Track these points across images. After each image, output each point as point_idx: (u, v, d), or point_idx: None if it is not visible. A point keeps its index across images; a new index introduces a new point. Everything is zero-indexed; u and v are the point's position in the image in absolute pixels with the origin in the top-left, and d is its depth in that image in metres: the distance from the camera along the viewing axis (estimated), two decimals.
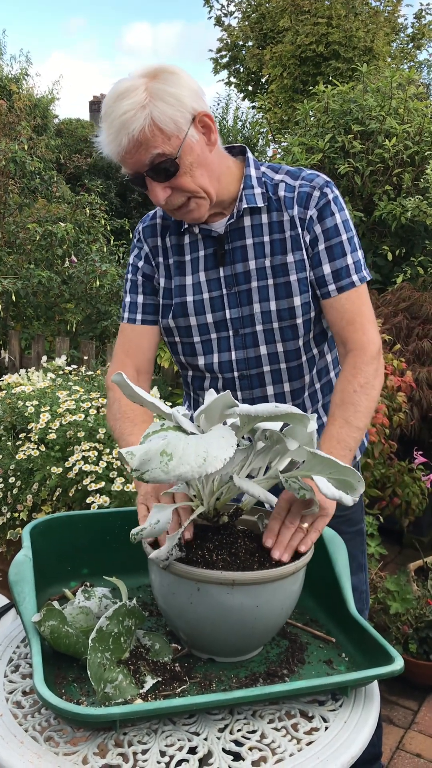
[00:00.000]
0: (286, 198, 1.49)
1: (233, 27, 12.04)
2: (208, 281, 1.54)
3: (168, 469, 0.96)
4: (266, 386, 1.57)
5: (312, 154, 4.84)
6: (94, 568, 1.40)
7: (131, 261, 1.63)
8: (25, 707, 1.07)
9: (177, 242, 1.56)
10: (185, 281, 1.55)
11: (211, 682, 1.11)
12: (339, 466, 1.07)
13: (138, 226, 1.64)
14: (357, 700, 1.12)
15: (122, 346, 1.62)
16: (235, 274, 1.52)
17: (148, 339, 1.61)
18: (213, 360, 1.56)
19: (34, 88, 12.65)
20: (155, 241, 1.59)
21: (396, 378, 2.84)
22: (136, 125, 1.31)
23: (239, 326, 1.53)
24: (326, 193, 1.49)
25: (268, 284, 1.50)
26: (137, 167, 1.37)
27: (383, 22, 10.41)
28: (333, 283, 1.48)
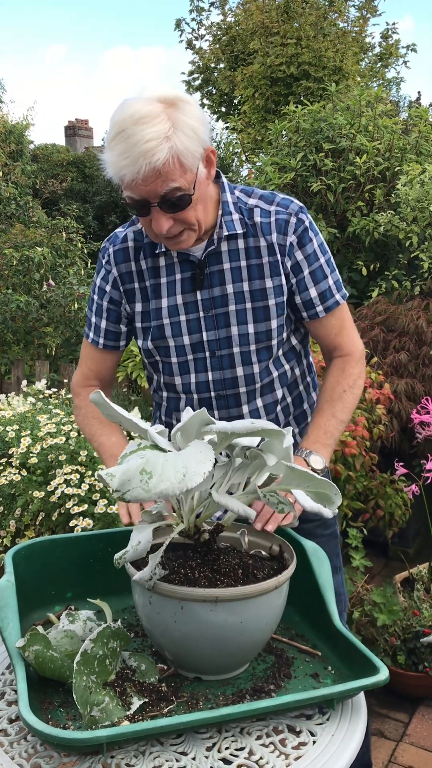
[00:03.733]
0: (263, 224, 1.52)
1: (204, 50, 12.20)
2: (185, 304, 1.55)
3: (149, 487, 0.97)
4: (242, 405, 1.61)
5: (285, 173, 4.91)
6: (78, 592, 1.39)
7: (98, 282, 1.62)
8: (11, 734, 1.06)
9: (153, 264, 1.56)
10: (161, 304, 1.56)
11: (198, 701, 1.11)
12: (316, 479, 1.08)
13: (107, 247, 1.60)
14: (344, 712, 1.12)
15: (87, 360, 1.70)
16: (212, 297, 1.54)
17: (111, 360, 1.69)
18: (190, 380, 1.58)
19: (9, 114, 12.70)
20: (128, 266, 1.57)
21: (375, 391, 2.87)
22: (160, 156, 1.29)
23: (216, 348, 1.56)
24: (302, 219, 1.54)
25: (246, 308, 1.54)
26: (148, 196, 1.35)
27: (351, 42, 10.59)
28: (320, 305, 1.58)
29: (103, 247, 1.61)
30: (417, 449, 3.30)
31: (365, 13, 11.63)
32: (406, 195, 4.24)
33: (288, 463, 1.11)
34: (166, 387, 1.64)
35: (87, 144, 18.61)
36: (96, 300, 1.63)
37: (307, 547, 1.34)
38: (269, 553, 1.30)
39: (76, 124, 19.17)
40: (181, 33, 12.34)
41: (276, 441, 1.08)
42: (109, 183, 13.54)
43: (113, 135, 1.32)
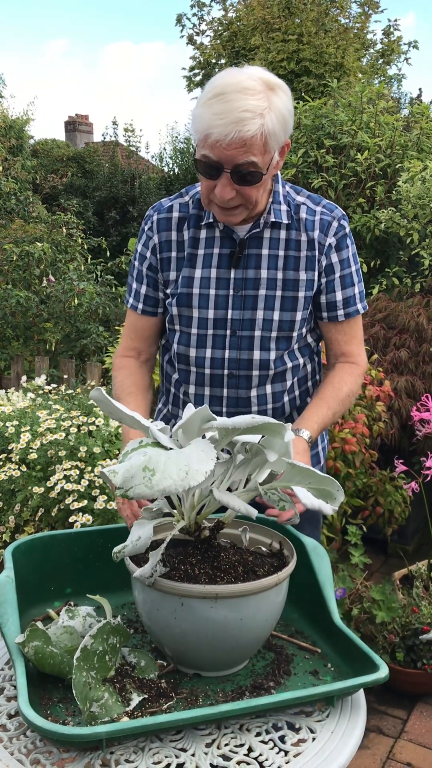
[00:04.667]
0: (308, 220, 1.59)
1: (205, 45, 12.17)
2: (218, 279, 1.58)
3: (151, 484, 0.97)
4: (252, 388, 1.63)
5: (286, 169, 4.90)
6: (77, 588, 1.39)
7: (139, 249, 1.67)
8: (11, 730, 1.06)
9: (194, 235, 1.60)
10: (194, 273, 1.59)
11: (197, 698, 1.11)
12: (318, 476, 1.08)
13: (151, 215, 1.65)
14: (343, 709, 1.12)
15: (126, 330, 1.73)
16: (245, 278, 1.58)
17: (150, 327, 1.70)
18: (205, 354, 1.61)
19: (9, 109, 12.67)
20: (169, 235, 1.61)
21: (375, 388, 2.87)
22: (252, 128, 1.36)
23: (238, 328, 1.59)
24: (344, 225, 1.63)
25: (276, 295, 1.58)
26: (225, 160, 1.40)
27: (353, 38, 10.58)
28: (342, 309, 1.64)
29: (148, 214, 1.66)
30: (417, 446, 3.30)
31: (367, 10, 11.61)
32: (407, 192, 4.23)
33: (288, 459, 1.11)
34: (179, 358, 1.65)
35: (87, 139, 18.57)
36: (137, 266, 1.67)
37: (307, 544, 1.34)
38: (269, 549, 1.30)
39: (77, 119, 19.13)
40: (182, 28, 12.31)
41: (277, 437, 1.07)
42: (109, 179, 13.55)
43: (213, 94, 1.38)
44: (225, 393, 1.63)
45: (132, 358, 1.71)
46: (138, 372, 1.70)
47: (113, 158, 13.94)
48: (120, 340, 1.76)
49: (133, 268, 1.69)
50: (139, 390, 1.66)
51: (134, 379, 1.67)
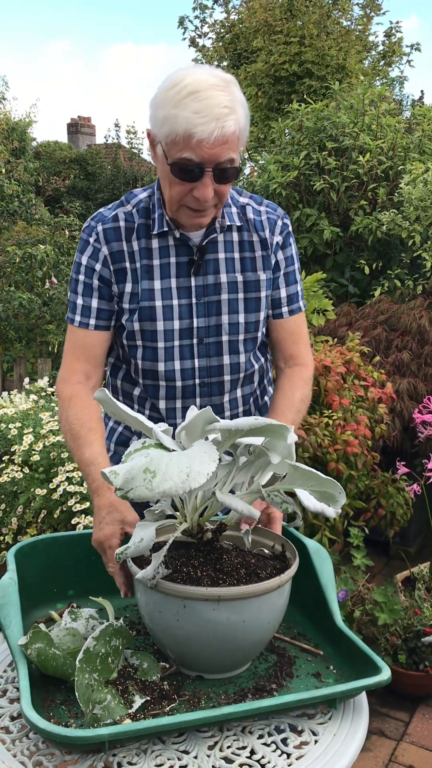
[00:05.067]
0: (255, 220, 1.60)
1: (207, 48, 12.18)
2: (179, 288, 1.55)
3: (152, 486, 0.97)
4: (224, 394, 1.63)
5: (287, 172, 4.90)
6: (80, 589, 1.39)
7: (84, 262, 1.56)
8: (13, 732, 1.06)
9: (146, 246, 1.54)
10: (154, 285, 1.54)
11: (199, 700, 1.11)
12: (320, 478, 1.08)
13: (93, 226, 1.56)
14: (346, 712, 1.12)
15: (72, 350, 1.59)
16: (206, 285, 1.55)
17: (101, 344, 1.59)
18: (174, 367, 1.57)
19: (12, 111, 12.70)
20: (120, 245, 1.54)
21: (377, 390, 2.87)
22: (230, 124, 1.34)
23: (204, 335, 1.57)
24: (287, 223, 1.65)
25: (239, 298, 1.57)
26: (207, 159, 1.36)
27: (355, 40, 10.58)
28: (286, 306, 1.65)
29: (88, 226, 1.57)
30: (419, 448, 3.30)
31: (369, 12, 11.61)
32: (409, 194, 4.23)
33: (291, 461, 1.11)
34: (144, 374, 1.59)
35: (89, 141, 18.60)
36: (83, 280, 1.56)
37: (310, 547, 1.34)
38: (272, 552, 1.30)
39: (79, 121, 19.16)
40: (184, 30, 12.32)
41: (279, 439, 1.08)
42: (111, 181, 13.57)
43: (186, 93, 1.33)
44: (198, 403, 1.60)
45: (81, 384, 1.56)
46: (92, 403, 1.52)
47: (115, 160, 13.97)
48: (62, 365, 1.60)
49: (76, 283, 1.57)
50: (99, 425, 1.51)
51: (90, 412, 1.51)
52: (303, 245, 4.78)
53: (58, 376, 1.60)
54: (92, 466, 1.40)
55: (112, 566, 1.26)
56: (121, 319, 1.56)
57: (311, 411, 2.72)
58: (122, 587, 1.26)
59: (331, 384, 2.69)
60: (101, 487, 1.36)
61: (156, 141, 1.42)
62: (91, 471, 1.40)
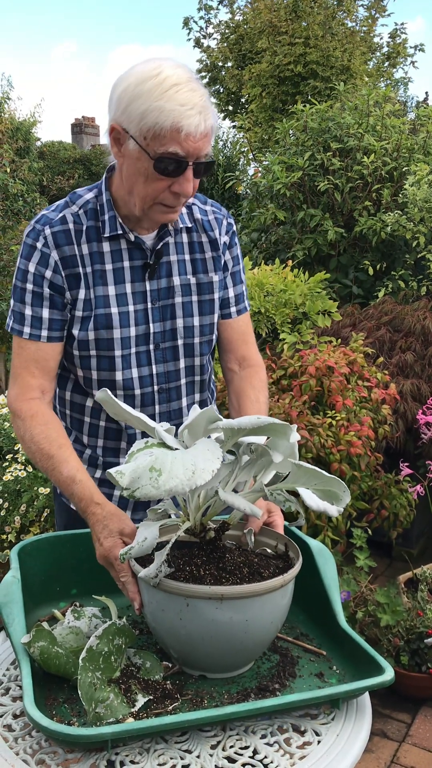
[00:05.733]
0: (204, 221, 1.57)
1: (212, 48, 12.19)
2: (134, 293, 1.49)
3: (158, 484, 0.97)
4: (182, 398, 1.60)
5: (292, 172, 4.90)
6: (82, 588, 1.39)
7: (32, 269, 1.45)
8: (16, 730, 1.06)
9: (97, 249, 1.47)
10: (108, 291, 1.47)
11: (202, 699, 1.11)
12: (324, 477, 1.07)
13: (40, 229, 1.46)
14: (349, 712, 1.12)
15: (24, 365, 1.48)
16: (159, 288, 1.51)
17: (55, 357, 1.50)
18: (132, 375, 1.51)
19: (16, 111, 12.71)
20: (71, 249, 1.45)
21: (380, 391, 2.86)
22: (211, 117, 1.33)
23: (160, 340, 1.53)
24: (232, 223, 1.63)
25: (192, 300, 1.55)
26: (192, 153, 1.32)
27: (359, 41, 10.58)
28: (234, 306, 1.64)
29: (33, 229, 1.47)
30: (422, 450, 3.29)
31: (374, 13, 11.61)
32: (413, 195, 4.23)
33: (294, 460, 1.10)
34: (100, 384, 1.51)
35: (94, 142, 18.62)
36: (32, 288, 1.45)
37: (313, 547, 1.34)
38: (274, 551, 1.30)
39: (83, 121, 19.18)
40: (189, 31, 12.34)
41: (282, 438, 1.07)
42: None
43: (168, 85, 1.29)
44: (157, 410, 1.56)
45: (38, 401, 1.46)
46: (54, 418, 1.46)
47: None
48: (12, 381, 1.50)
49: (23, 292, 1.46)
50: (67, 440, 1.43)
51: (56, 428, 1.44)
52: (307, 246, 4.78)
53: (11, 393, 1.49)
54: (74, 484, 1.35)
55: (124, 575, 1.20)
56: (72, 328, 1.48)
57: (315, 411, 2.72)
58: (136, 596, 1.19)
59: (335, 385, 2.69)
60: (90, 504, 1.32)
61: (126, 136, 1.34)
62: (75, 490, 1.35)
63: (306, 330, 3.30)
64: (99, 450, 1.58)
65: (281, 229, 5.02)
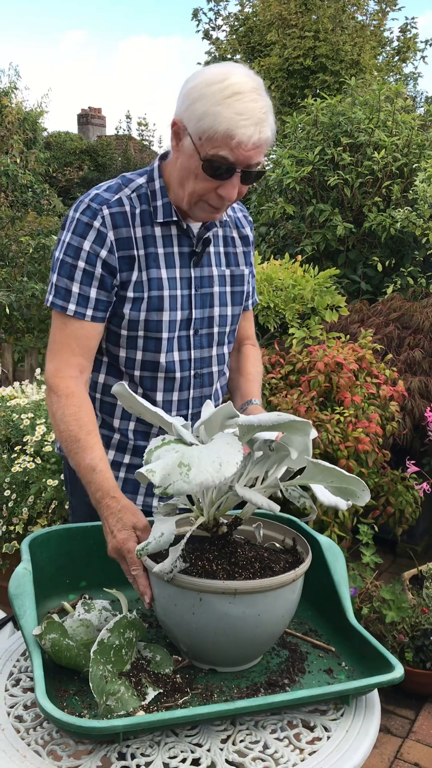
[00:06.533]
0: (234, 217, 1.67)
1: (221, 40, 12.14)
2: (181, 279, 1.55)
3: (189, 479, 0.97)
4: (214, 384, 1.67)
5: (302, 167, 4.88)
6: (92, 581, 1.40)
7: (87, 247, 1.46)
8: (27, 721, 1.07)
9: (150, 233, 1.50)
10: (161, 274, 1.51)
11: (212, 693, 1.12)
12: (342, 475, 1.07)
13: (97, 208, 1.47)
14: (358, 709, 1.13)
15: (66, 342, 1.49)
16: (202, 276, 1.58)
17: (96, 336, 1.51)
18: (174, 358, 1.56)
19: (23, 102, 12.68)
20: (128, 231, 1.48)
21: (389, 387, 2.86)
22: (267, 129, 1.36)
23: (200, 326, 1.59)
24: (251, 220, 1.73)
25: (227, 291, 1.63)
26: (241, 161, 1.36)
27: (369, 35, 10.52)
28: (250, 299, 1.76)
29: (89, 207, 1.47)
30: (428, 447, 3.29)
31: (384, 7, 11.54)
32: (423, 192, 4.21)
33: (311, 458, 1.10)
34: (144, 365, 1.55)
35: (99, 132, 18.58)
36: (83, 267, 1.46)
37: (322, 543, 1.34)
38: (283, 546, 1.30)
39: (89, 112, 19.13)
40: (198, 23, 12.28)
41: (298, 434, 1.07)
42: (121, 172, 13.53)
43: (230, 93, 1.33)
44: (191, 395, 1.61)
45: (75, 380, 1.47)
46: (87, 402, 1.47)
47: (126, 152, 13.96)
48: (51, 356, 1.51)
49: (73, 268, 1.46)
50: (95, 426, 1.43)
51: (88, 413, 1.44)
52: (316, 240, 4.77)
53: (50, 368, 1.50)
54: (94, 473, 1.35)
55: (135, 568, 1.20)
56: (122, 308, 1.50)
57: (323, 407, 2.72)
58: (147, 590, 1.19)
59: (344, 381, 2.68)
60: (106, 497, 1.31)
61: (185, 133, 1.39)
62: (93, 478, 1.34)
63: (315, 325, 3.29)
64: (130, 433, 1.62)
65: (290, 224, 5.00)
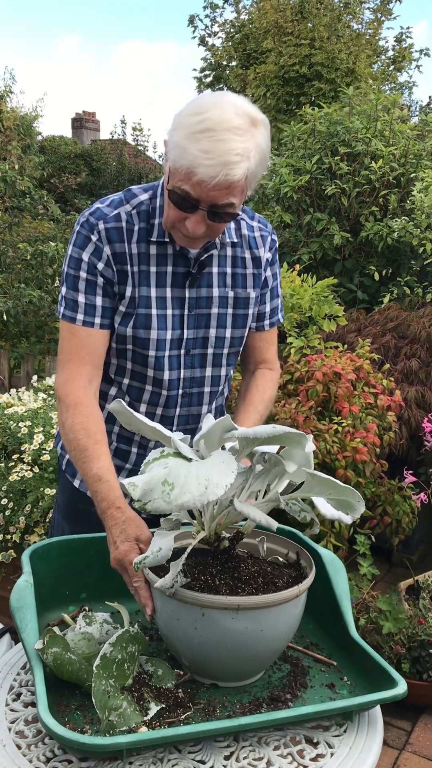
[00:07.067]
0: (250, 237, 1.60)
1: (217, 47, 12.17)
2: (173, 298, 1.53)
3: (170, 498, 0.97)
4: (203, 405, 1.64)
5: (299, 176, 4.90)
6: (92, 593, 1.39)
7: (85, 258, 1.48)
8: (29, 737, 1.06)
9: (144, 251, 1.50)
10: (151, 292, 1.51)
11: (215, 708, 1.11)
12: (339, 486, 1.07)
13: (94, 223, 1.48)
14: (361, 724, 1.12)
15: (76, 351, 1.50)
16: (198, 297, 1.55)
17: (104, 344, 1.52)
18: (163, 377, 1.55)
19: (18, 107, 12.67)
20: (123, 247, 1.49)
21: (386, 397, 2.86)
22: (238, 173, 1.30)
23: (192, 347, 1.57)
24: (275, 239, 1.66)
25: (227, 313, 1.58)
26: (204, 199, 1.34)
27: (365, 44, 10.57)
28: (269, 319, 1.69)
29: (87, 221, 1.49)
30: (424, 457, 3.29)
31: (380, 16, 11.60)
32: (421, 202, 4.23)
33: (309, 470, 1.10)
34: (133, 375, 1.57)
35: (94, 137, 18.57)
36: (85, 276, 1.48)
37: (324, 556, 1.34)
38: (286, 559, 1.30)
39: (83, 116, 19.13)
40: (194, 29, 12.31)
41: (297, 447, 1.07)
42: (116, 177, 13.56)
43: (202, 128, 1.29)
44: (177, 412, 1.60)
45: (85, 390, 1.49)
46: (96, 411, 1.48)
47: (120, 157, 13.95)
48: (61, 367, 1.52)
49: (76, 279, 1.49)
50: (104, 436, 1.45)
51: (97, 422, 1.45)
52: (312, 249, 4.78)
53: (60, 378, 1.52)
54: (100, 483, 1.35)
55: (137, 580, 1.20)
56: (114, 320, 1.53)
57: (321, 417, 2.72)
58: (148, 602, 1.18)
59: (342, 391, 2.69)
60: (111, 507, 1.32)
61: (167, 156, 1.38)
62: (99, 488, 1.35)
63: (313, 335, 3.29)
64: (114, 436, 1.63)
65: (287, 232, 5.01)
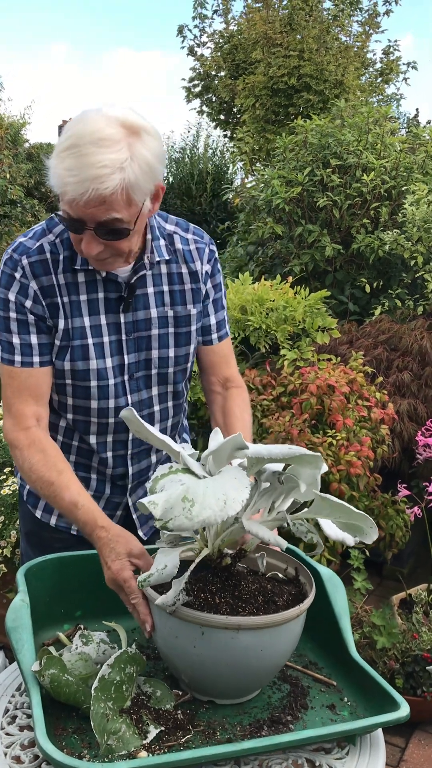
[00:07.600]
0: (184, 251, 1.54)
1: (206, 57, 12.21)
2: (108, 325, 1.48)
3: (192, 515, 0.95)
4: (155, 423, 1.60)
5: (291, 187, 4.91)
6: (87, 611, 1.37)
7: (12, 298, 1.42)
8: (25, 762, 1.03)
9: (72, 280, 1.44)
10: (84, 322, 1.46)
11: (214, 731, 1.09)
12: (350, 511, 1.06)
13: (17, 259, 1.43)
14: (363, 747, 1.11)
15: (18, 394, 1.45)
16: (135, 320, 1.50)
17: (46, 381, 1.48)
18: (109, 405, 1.51)
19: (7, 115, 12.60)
20: (50, 279, 1.43)
21: (379, 410, 2.86)
22: (110, 185, 1.23)
23: (135, 371, 1.52)
24: (214, 250, 1.61)
25: (169, 332, 1.53)
26: (86, 218, 1.28)
27: (353, 56, 10.65)
28: (216, 333, 1.64)
29: (10, 258, 1.44)
30: (416, 470, 3.29)
31: (368, 29, 11.70)
32: (412, 215, 4.25)
33: (316, 490, 1.09)
34: (75, 410, 1.52)
35: None
36: (15, 317, 1.43)
37: (323, 574, 1.32)
38: (285, 575, 1.29)
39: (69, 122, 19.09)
40: (183, 39, 12.35)
41: (307, 467, 1.06)
42: None
43: (66, 146, 1.24)
44: (130, 437, 1.55)
45: (34, 428, 1.45)
46: (51, 444, 1.45)
47: None
48: (7, 411, 1.47)
49: (7, 320, 1.44)
50: (66, 464, 1.43)
51: (54, 454, 1.43)
52: (304, 261, 4.78)
53: (7, 424, 1.46)
54: (77, 509, 1.34)
55: (135, 597, 1.19)
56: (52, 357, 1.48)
57: (314, 430, 2.71)
58: (147, 618, 1.17)
59: (336, 404, 2.68)
60: (95, 529, 1.31)
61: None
62: (78, 515, 1.34)
63: (306, 347, 3.29)
64: (71, 465, 1.56)
65: (278, 244, 5.02)
